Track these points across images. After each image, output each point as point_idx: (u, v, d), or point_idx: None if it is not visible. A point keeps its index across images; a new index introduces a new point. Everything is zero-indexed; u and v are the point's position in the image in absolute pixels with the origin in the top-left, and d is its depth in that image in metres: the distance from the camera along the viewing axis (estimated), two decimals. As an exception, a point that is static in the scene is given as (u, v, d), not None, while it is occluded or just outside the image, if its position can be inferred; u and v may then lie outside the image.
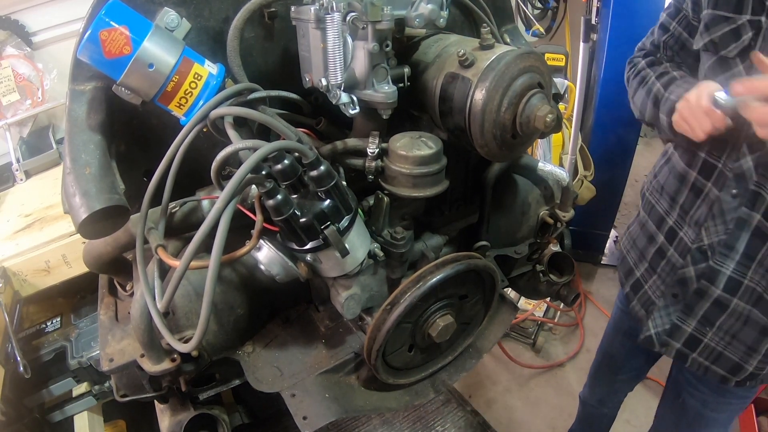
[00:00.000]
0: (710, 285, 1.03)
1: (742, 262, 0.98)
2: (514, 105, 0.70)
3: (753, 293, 0.98)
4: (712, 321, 1.06)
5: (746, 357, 1.03)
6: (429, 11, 0.74)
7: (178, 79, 0.68)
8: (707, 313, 1.06)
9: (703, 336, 1.08)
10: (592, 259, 2.79)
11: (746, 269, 0.98)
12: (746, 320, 1.01)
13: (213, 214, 0.59)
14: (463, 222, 1.01)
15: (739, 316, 1.01)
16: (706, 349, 1.09)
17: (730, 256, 0.99)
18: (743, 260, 0.98)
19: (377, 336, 0.81)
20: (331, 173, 0.66)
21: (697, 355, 1.10)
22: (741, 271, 0.99)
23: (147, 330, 0.73)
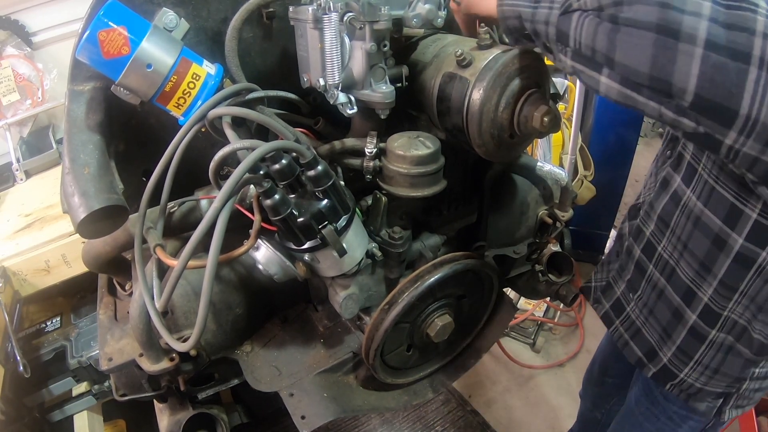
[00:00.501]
0: (634, 244, 0.98)
1: (659, 226, 0.91)
2: (512, 105, 0.71)
3: (666, 266, 0.90)
4: (635, 287, 1.00)
5: (661, 342, 0.96)
6: (427, 11, 0.74)
7: (177, 79, 0.69)
8: (632, 277, 1.00)
9: (627, 303, 1.03)
10: (593, 259, 2.78)
11: (661, 235, 0.91)
12: (660, 294, 0.93)
13: (210, 214, 0.59)
14: (462, 222, 1.01)
15: (654, 286, 0.94)
16: (628, 319, 1.03)
17: (651, 216, 0.93)
18: (660, 224, 0.91)
19: (375, 335, 0.81)
20: (329, 173, 0.66)
21: (620, 323, 1.05)
22: (657, 236, 0.92)
23: (145, 329, 0.73)
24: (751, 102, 0.52)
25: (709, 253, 0.81)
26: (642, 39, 0.54)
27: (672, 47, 0.52)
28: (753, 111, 0.52)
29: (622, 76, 0.58)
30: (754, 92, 0.51)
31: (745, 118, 0.53)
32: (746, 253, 0.76)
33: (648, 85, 0.56)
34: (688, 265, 0.85)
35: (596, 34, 0.58)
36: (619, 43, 0.56)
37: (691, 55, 0.52)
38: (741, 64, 0.51)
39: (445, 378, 1.03)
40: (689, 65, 0.52)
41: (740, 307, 0.82)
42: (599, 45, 0.58)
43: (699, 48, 0.51)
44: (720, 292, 0.82)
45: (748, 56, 0.51)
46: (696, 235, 0.82)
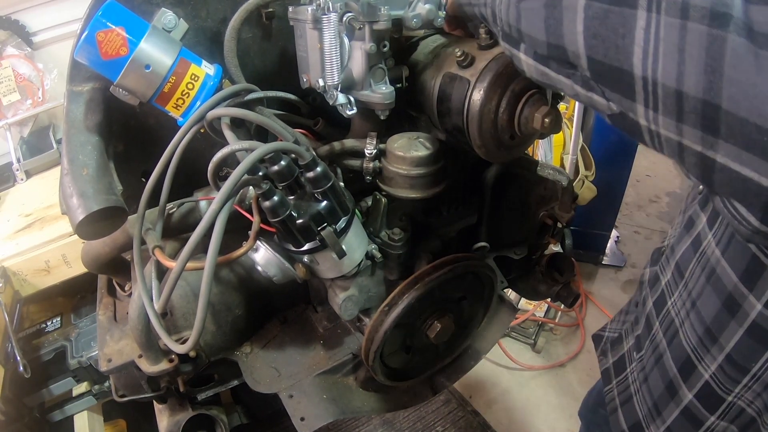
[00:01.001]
0: (649, 294, 0.82)
1: (674, 275, 0.74)
2: (513, 106, 0.70)
3: (671, 326, 0.73)
4: (640, 345, 0.83)
5: (649, 418, 0.79)
6: (427, 11, 0.73)
7: (175, 80, 0.68)
8: (641, 333, 0.84)
9: (630, 362, 0.87)
10: (593, 260, 2.78)
11: (675, 287, 0.74)
12: (658, 360, 0.76)
13: (209, 216, 0.59)
14: (462, 223, 1.00)
15: (655, 349, 0.77)
16: (624, 382, 0.87)
17: (669, 263, 0.76)
18: (675, 273, 0.74)
19: (375, 337, 0.81)
20: (328, 174, 0.66)
21: (616, 384, 0.89)
22: (671, 288, 0.75)
23: (144, 331, 0.73)
24: (643, 58, 0.38)
25: (719, 317, 0.62)
26: (536, 1, 0.47)
27: (557, 4, 0.45)
28: (648, 70, 0.38)
29: (532, 50, 0.51)
30: (645, 43, 0.38)
31: (642, 81, 0.39)
32: (764, 325, 0.57)
33: (549, 55, 0.48)
34: (692, 329, 0.67)
35: (509, 6, 0.52)
36: (523, 11, 0.49)
37: (574, 8, 0.43)
38: (626, 8, 0.39)
39: (446, 379, 1.03)
40: (574, 22, 0.43)
41: (750, 394, 0.63)
42: (512, 18, 0.52)
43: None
44: (726, 370, 0.63)
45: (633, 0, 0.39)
46: (707, 292, 0.64)
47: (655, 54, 0.37)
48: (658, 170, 3.41)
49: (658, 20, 0.37)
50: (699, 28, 0.34)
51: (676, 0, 0.35)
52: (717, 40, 0.33)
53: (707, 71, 0.34)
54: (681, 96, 0.36)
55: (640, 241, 2.97)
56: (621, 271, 2.77)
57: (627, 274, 2.77)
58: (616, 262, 2.79)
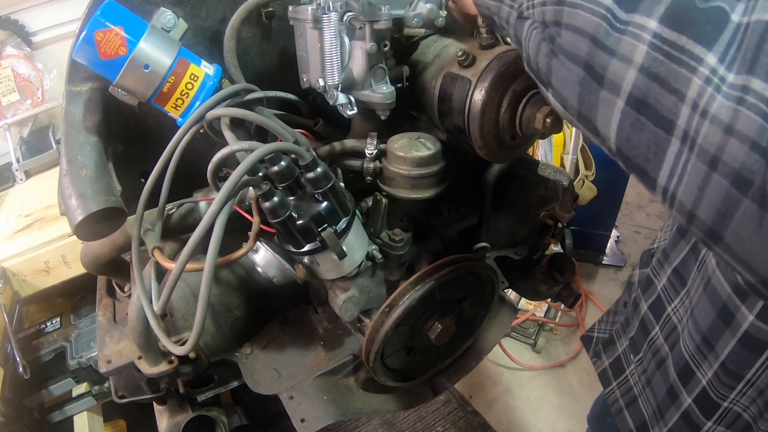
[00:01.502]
0: (642, 297, 0.83)
1: (673, 281, 0.75)
2: (514, 106, 0.70)
3: (673, 332, 0.74)
4: (637, 348, 0.85)
5: (653, 420, 0.80)
6: (427, 11, 0.73)
7: (175, 80, 0.68)
8: (636, 335, 0.85)
9: (628, 364, 0.88)
10: (594, 259, 2.77)
11: (674, 293, 0.75)
12: (660, 365, 0.77)
13: (208, 216, 0.59)
14: (463, 223, 1.00)
15: (656, 353, 0.78)
16: (626, 383, 0.88)
17: (663, 267, 0.78)
18: (674, 279, 0.75)
19: (376, 338, 0.80)
20: (329, 175, 0.65)
21: (617, 386, 0.90)
22: (669, 293, 0.76)
23: (144, 332, 0.73)
24: (669, 175, 0.41)
25: (714, 326, 0.65)
26: (571, 73, 0.47)
27: (595, 92, 0.45)
28: (671, 185, 0.42)
29: (560, 102, 0.51)
30: (673, 166, 0.40)
31: (664, 189, 0.43)
32: (756, 335, 0.60)
33: (578, 120, 0.49)
34: (690, 337, 0.70)
35: (539, 52, 0.51)
36: (554, 69, 0.49)
37: (612, 107, 0.43)
38: (662, 132, 0.40)
39: (446, 380, 1.02)
40: (609, 116, 0.44)
41: (745, 399, 0.66)
42: (541, 64, 0.51)
43: (621, 101, 0.42)
44: (721, 377, 0.66)
45: (671, 125, 0.40)
46: (703, 301, 0.67)
47: (679, 178, 0.41)
48: (658, 170, 3.41)
49: (688, 156, 0.39)
50: (722, 182, 0.37)
51: (709, 150, 0.37)
52: (734, 198, 0.37)
53: (719, 214, 0.38)
54: (693, 216, 0.41)
55: (641, 241, 2.97)
56: (621, 270, 2.77)
57: (627, 274, 2.76)
58: (617, 262, 2.79)
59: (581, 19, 0.45)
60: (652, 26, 0.40)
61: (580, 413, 2.06)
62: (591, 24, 0.44)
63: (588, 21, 0.44)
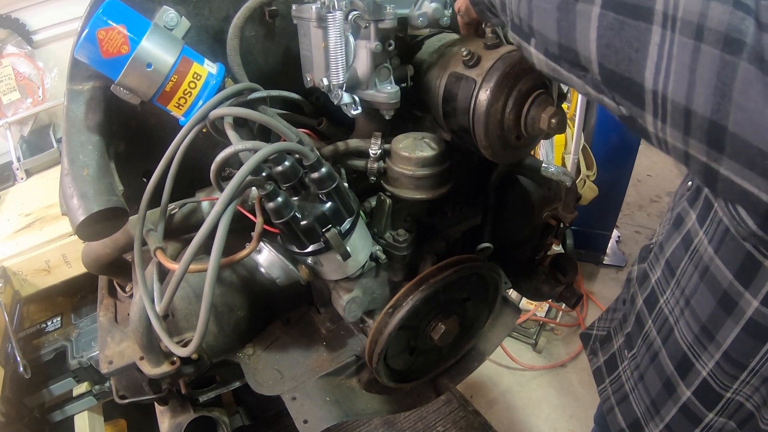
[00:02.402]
0: (638, 292, 0.81)
1: (665, 273, 0.74)
2: (519, 106, 0.69)
3: (665, 323, 0.72)
4: (631, 343, 0.83)
5: (647, 416, 0.78)
6: (433, 10, 0.72)
7: (177, 78, 0.67)
8: (632, 330, 0.83)
9: (622, 360, 0.86)
10: (594, 259, 2.77)
11: (666, 285, 0.73)
12: (653, 358, 0.76)
13: (212, 217, 0.58)
14: (466, 224, 1.00)
15: (649, 347, 0.77)
16: (618, 380, 0.86)
17: (659, 260, 0.76)
18: (666, 271, 0.73)
19: (379, 339, 0.80)
20: (333, 175, 0.65)
21: (609, 383, 0.88)
22: (661, 286, 0.75)
23: (146, 333, 0.72)
24: (656, 72, 0.39)
25: (714, 315, 0.63)
26: (549, 2, 0.47)
27: (572, 8, 0.45)
28: (659, 84, 0.39)
29: (543, 47, 0.51)
30: (658, 59, 0.39)
31: (653, 93, 0.40)
32: (761, 321, 0.58)
33: (560, 55, 0.49)
34: (687, 327, 0.68)
35: (520, 1, 0.51)
36: (535, 8, 0.49)
37: (589, 16, 0.43)
38: (641, 23, 0.39)
39: (449, 381, 1.02)
40: (588, 29, 0.43)
41: (749, 388, 0.64)
42: (522, 12, 0.51)
43: (596, 7, 0.43)
44: (724, 367, 0.64)
45: (649, 12, 0.39)
46: (701, 290, 0.64)
47: (667, 70, 0.38)
48: (659, 170, 3.40)
49: (672, 38, 0.37)
50: (712, 51, 0.34)
51: (691, 21, 0.36)
52: (729, 65, 0.34)
53: (716, 94, 0.35)
54: (689, 113, 0.38)
55: (641, 241, 2.96)
56: (622, 270, 2.77)
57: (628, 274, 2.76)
58: (617, 262, 2.79)
59: None
60: None
61: (580, 413, 2.05)
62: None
63: None
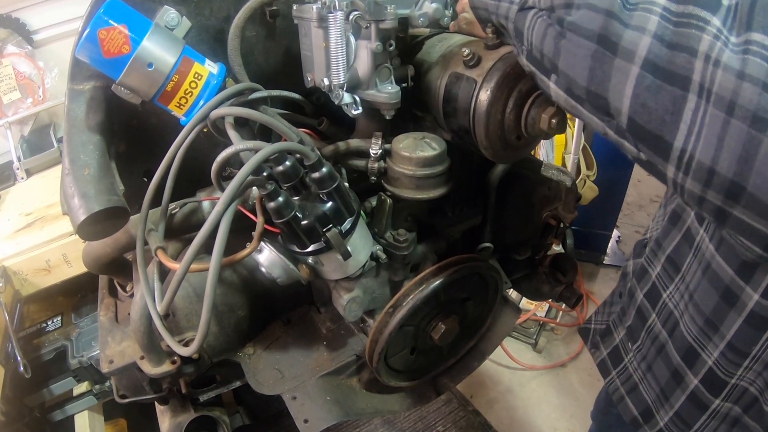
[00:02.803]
0: (637, 286, 0.85)
1: (667, 268, 0.77)
2: (519, 106, 0.69)
3: (670, 317, 0.76)
4: (634, 336, 0.87)
5: (658, 404, 0.82)
6: (433, 10, 0.72)
7: (178, 78, 0.67)
8: (633, 324, 0.87)
9: (626, 352, 0.89)
10: (595, 259, 2.77)
11: (669, 280, 0.77)
12: (660, 350, 0.79)
13: (213, 217, 0.58)
14: (467, 223, 1.00)
15: (655, 339, 0.80)
16: (625, 371, 0.89)
17: (657, 256, 0.80)
18: (668, 267, 0.77)
19: (379, 339, 0.80)
20: (333, 175, 0.65)
21: (617, 374, 0.92)
22: (663, 280, 0.78)
23: (147, 332, 0.72)
24: (687, 134, 0.43)
25: (718, 308, 0.68)
26: (582, 48, 0.48)
27: (608, 62, 0.47)
28: (689, 145, 0.43)
29: (566, 86, 0.53)
30: (690, 123, 0.42)
31: (680, 152, 0.44)
32: (762, 313, 0.63)
33: (587, 99, 0.51)
34: (692, 320, 0.72)
35: (545, 37, 0.53)
36: (563, 50, 0.51)
37: (627, 74, 0.45)
38: (678, 90, 0.43)
39: (449, 380, 1.02)
40: (623, 84, 0.46)
41: (752, 374, 0.69)
42: (546, 49, 0.53)
43: (635, 66, 0.45)
44: (728, 356, 0.69)
45: (686, 81, 0.42)
46: (704, 286, 0.69)
47: (698, 135, 0.43)
48: (659, 170, 3.40)
49: (705, 108, 0.42)
50: (741, 126, 0.40)
51: (725, 96, 0.40)
52: (754, 139, 0.39)
53: (740, 161, 0.40)
54: (713, 172, 0.43)
55: (642, 241, 2.96)
56: (622, 270, 2.77)
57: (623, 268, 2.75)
58: (618, 261, 2.79)
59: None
60: (661, 1, 0.45)
61: (580, 413, 2.05)
62: (606, 1, 0.47)
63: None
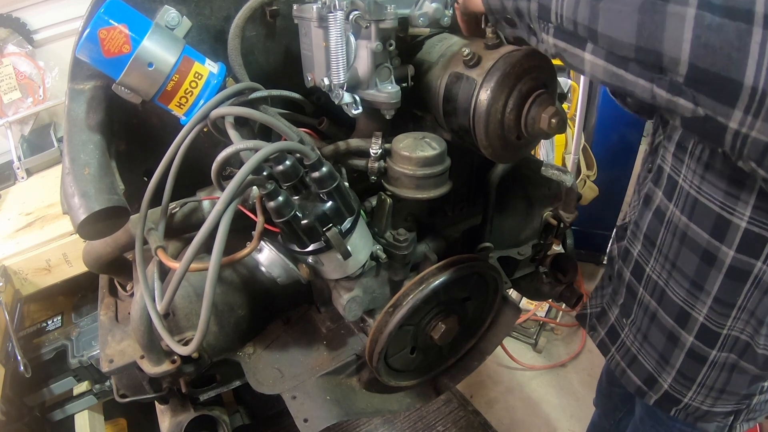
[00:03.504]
0: (623, 266, 0.91)
1: (646, 245, 0.84)
2: (519, 106, 0.69)
3: (656, 287, 0.83)
4: (628, 311, 0.93)
5: (659, 368, 0.88)
6: (433, 10, 0.73)
7: (179, 78, 0.68)
8: (625, 301, 0.93)
9: (622, 328, 0.95)
10: (595, 259, 2.77)
11: (648, 255, 0.84)
12: (653, 318, 0.86)
13: (213, 216, 0.58)
14: (467, 223, 1.00)
15: (646, 310, 0.87)
16: (623, 346, 0.96)
17: (637, 236, 0.87)
18: (646, 243, 0.84)
19: (379, 338, 0.80)
20: (333, 174, 0.65)
21: (615, 350, 0.98)
22: (644, 256, 0.85)
23: (147, 332, 0.72)
24: (756, 70, 0.41)
25: (699, 269, 0.74)
26: (626, 5, 0.47)
27: (660, 9, 0.45)
28: (760, 81, 0.42)
29: (606, 51, 0.51)
30: (759, 57, 0.41)
31: (751, 90, 0.42)
32: (739, 266, 0.69)
33: (635, 58, 0.49)
34: (678, 285, 0.79)
35: (578, 5, 0.51)
36: (602, 11, 0.49)
37: (683, 17, 0.44)
38: (742, 24, 0.41)
39: (449, 380, 1.02)
40: (681, 29, 0.44)
41: (740, 323, 0.75)
42: (581, 16, 0.51)
43: (691, 8, 0.43)
44: (716, 309, 0.75)
45: (749, 14, 0.41)
46: (684, 252, 0.76)
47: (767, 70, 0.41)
48: (659, 170, 3.40)
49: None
50: None
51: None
52: None
53: None
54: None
55: (642, 241, 2.96)
56: (622, 271, 2.77)
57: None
58: (618, 261, 2.79)
59: None
60: None
61: (580, 413, 2.05)
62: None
63: None
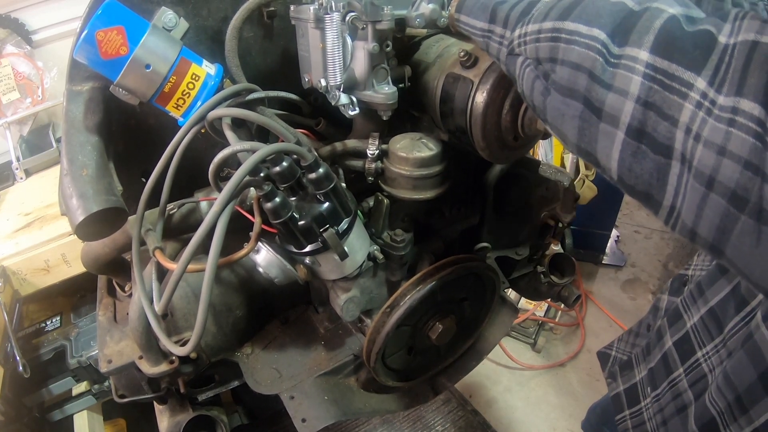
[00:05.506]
0: (667, 330, 0.77)
1: (707, 323, 0.68)
2: (516, 107, 0.70)
3: (701, 381, 0.68)
4: (655, 383, 0.79)
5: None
6: (430, 11, 0.73)
7: (176, 79, 0.68)
8: (656, 368, 0.79)
9: (644, 396, 0.83)
10: (594, 259, 2.78)
11: (708, 337, 0.68)
12: (680, 411, 0.71)
13: (210, 217, 0.59)
14: (464, 223, 1.00)
15: (676, 396, 0.72)
16: (639, 416, 0.83)
17: (696, 303, 0.72)
18: (709, 321, 0.68)
19: (377, 338, 0.80)
20: (330, 176, 0.65)
21: (629, 416, 0.85)
22: (701, 336, 0.69)
23: (145, 332, 0.73)
24: (674, 194, 0.42)
25: (752, 389, 0.57)
26: (570, 108, 0.47)
27: (595, 125, 0.46)
28: (677, 203, 0.43)
29: (558, 136, 0.52)
30: (677, 185, 0.42)
31: (669, 208, 0.44)
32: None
33: (578, 154, 0.51)
34: (719, 393, 0.62)
35: (533, 90, 0.52)
36: (549, 107, 0.50)
37: (612, 139, 0.45)
38: (662, 158, 0.42)
39: (447, 380, 1.02)
40: (610, 148, 0.45)
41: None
42: (536, 102, 0.52)
43: (620, 132, 0.44)
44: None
45: (669, 150, 0.41)
46: (742, 358, 0.59)
47: (683, 197, 0.42)
48: (658, 169, 3.41)
49: (687, 177, 0.41)
50: (719, 201, 0.39)
51: (704, 172, 0.39)
52: (732, 215, 0.38)
53: (718, 230, 0.40)
54: (695, 233, 0.42)
55: (641, 241, 2.97)
56: (621, 270, 2.77)
57: (627, 273, 2.77)
58: (617, 261, 2.79)
59: (577, 54, 0.45)
60: (644, 57, 0.41)
61: (579, 413, 2.05)
62: (588, 59, 0.45)
63: (584, 56, 0.45)
